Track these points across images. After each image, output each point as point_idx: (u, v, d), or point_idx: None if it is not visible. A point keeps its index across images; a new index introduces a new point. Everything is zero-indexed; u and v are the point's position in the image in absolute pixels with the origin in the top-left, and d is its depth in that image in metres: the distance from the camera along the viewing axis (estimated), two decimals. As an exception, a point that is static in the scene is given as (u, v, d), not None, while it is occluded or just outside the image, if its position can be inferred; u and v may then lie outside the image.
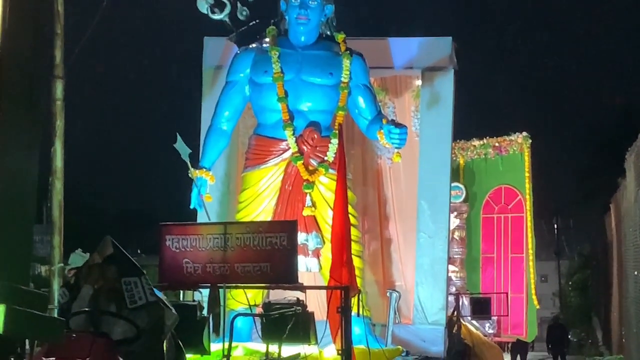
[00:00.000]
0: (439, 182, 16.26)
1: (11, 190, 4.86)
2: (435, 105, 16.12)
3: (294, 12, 14.35)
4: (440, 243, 16.13)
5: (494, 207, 27.45)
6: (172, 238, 10.52)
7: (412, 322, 15.56)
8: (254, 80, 14.41)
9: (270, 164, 14.24)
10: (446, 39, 16.36)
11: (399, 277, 15.81)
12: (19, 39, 4.94)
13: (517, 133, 27.48)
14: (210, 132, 14.65)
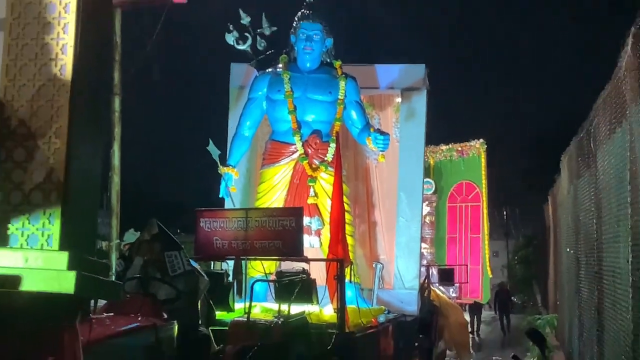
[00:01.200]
0: (414, 178, 16.32)
1: (81, 183, 4.87)
2: (411, 118, 16.19)
3: (301, 44, 14.48)
4: (414, 225, 16.19)
5: (457, 197, 27.48)
6: (205, 220, 10.61)
7: (392, 287, 15.59)
8: (269, 97, 14.50)
9: (282, 163, 14.31)
10: (420, 65, 16.43)
11: (382, 252, 15.86)
12: (87, 64, 4.95)
13: (476, 140, 27.55)
14: (235, 138, 14.74)
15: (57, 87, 4.81)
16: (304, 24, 14.57)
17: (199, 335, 8.25)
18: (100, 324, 7.12)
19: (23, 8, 4.92)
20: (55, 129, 4.78)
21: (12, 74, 4.88)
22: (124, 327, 7.07)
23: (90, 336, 6.47)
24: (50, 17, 4.87)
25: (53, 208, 4.71)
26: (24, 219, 4.73)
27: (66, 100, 4.78)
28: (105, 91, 5.10)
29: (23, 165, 4.78)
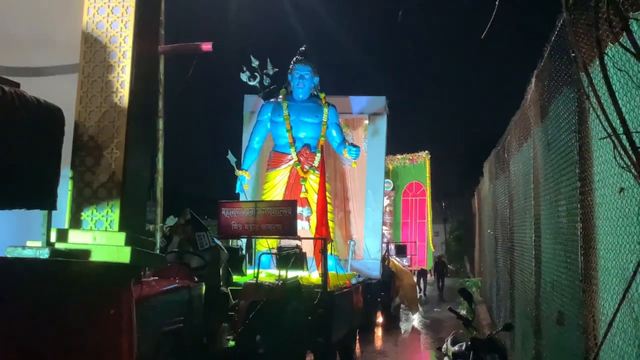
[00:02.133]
0: (377, 179, 16.47)
1: (134, 182, 4.88)
2: (376, 135, 16.32)
3: (296, 81, 14.58)
4: (378, 213, 16.36)
5: (409, 193, 27.64)
6: (225, 209, 10.64)
7: (362, 258, 15.64)
8: (272, 120, 14.58)
9: (282, 168, 14.41)
10: (382, 97, 16.61)
11: (354, 232, 15.92)
12: (139, 96, 4.96)
13: (422, 151, 27.70)
14: (247, 149, 14.87)
15: (117, 112, 4.82)
16: (297, 67, 14.66)
17: (221, 293, 8.28)
18: (148, 285, 7.13)
19: (92, 55, 4.93)
20: (116, 142, 4.79)
21: (84, 102, 4.90)
22: (165, 287, 7.08)
23: (141, 294, 6.52)
24: (112, 62, 4.88)
25: (114, 201, 4.73)
26: (92, 208, 4.75)
27: (124, 122, 4.80)
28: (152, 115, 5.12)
29: (92, 169, 4.79)
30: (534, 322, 6.67)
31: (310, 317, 9.77)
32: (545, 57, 5.26)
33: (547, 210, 5.79)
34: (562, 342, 4.88)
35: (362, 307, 14.57)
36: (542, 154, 5.89)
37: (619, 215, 3.20)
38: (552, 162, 5.23)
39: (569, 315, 4.58)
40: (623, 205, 3.09)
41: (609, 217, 3.41)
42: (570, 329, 4.50)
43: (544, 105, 5.61)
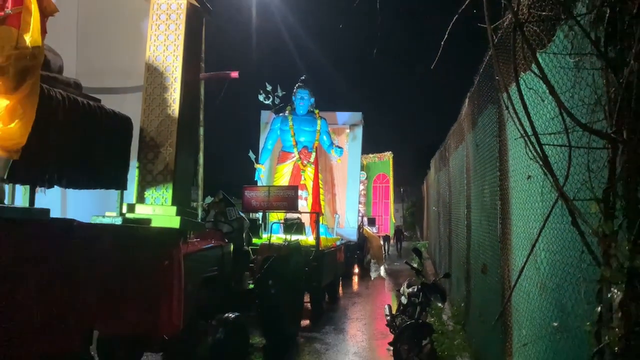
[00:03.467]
0: (355, 171, 16.47)
1: (182, 171, 4.84)
2: (354, 140, 16.32)
3: (298, 101, 14.62)
4: (355, 195, 16.44)
5: (377, 181, 27.65)
6: (247, 191, 10.58)
7: (344, 227, 15.67)
8: (281, 128, 14.59)
9: (287, 162, 14.43)
10: (359, 113, 16.66)
11: (339, 209, 15.94)
12: (186, 109, 4.91)
13: (388, 151, 27.69)
14: (263, 149, 14.85)
15: (170, 120, 4.78)
16: (299, 90, 14.65)
17: (244, 251, 8.23)
18: (193, 244, 7.11)
19: (152, 79, 4.88)
20: (169, 142, 4.75)
21: (147, 113, 4.85)
22: (205, 246, 7.04)
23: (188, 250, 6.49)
24: (167, 84, 4.84)
25: (168, 184, 4.69)
26: (152, 189, 4.71)
27: (175, 128, 4.76)
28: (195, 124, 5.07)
29: (152, 161, 4.75)
30: (465, 272, 6.70)
31: (307, 268, 9.82)
32: (475, 84, 5.26)
33: (475, 193, 5.81)
34: (485, 285, 4.90)
35: (344, 261, 14.63)
36: (472, 153, 5.90)
37: (527, 195, 3.21)
38: (480, 159, 5.23)
39: (491, 266, 4.60)
40: (530, 188, 3.09)
41: (519, 196, 3.41)
42: (491, 276, 4.52)
43: (474, 118, 5.62)
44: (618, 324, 1.56)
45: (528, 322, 3.06)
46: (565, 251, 2.32)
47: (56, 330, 3.35)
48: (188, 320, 6.25)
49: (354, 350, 7.92)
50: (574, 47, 2.08)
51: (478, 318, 5.23)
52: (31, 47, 3.07)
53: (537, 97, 2.31)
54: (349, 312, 11.25)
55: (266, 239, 9.45)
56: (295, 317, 8.70)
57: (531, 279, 2.96)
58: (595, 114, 1.97)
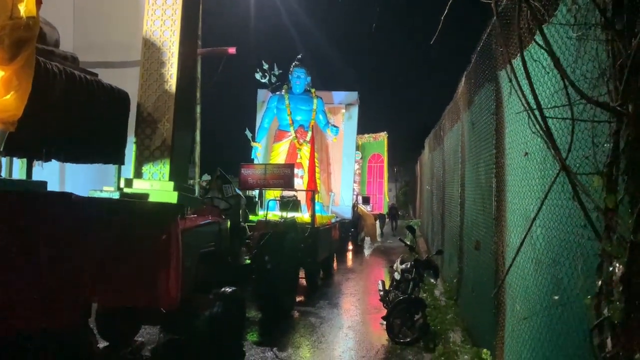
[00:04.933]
0: (351, 150, 16.34)
1: (180, 146, 4.76)
2: (350, 120, 16.15)
3: (294, 79, 14.36)
4: (350, 174, 16.32)
5: (372, 161, 27.51)
6: (244, 169, 10.51)
7: (339, 205, 15.62)
8: (278, 107, 14.36)
9: (284, 141, 14.25)
10: (355, 92, 16.45)
11: (334, 187, 15.85)
12: (183, 85, 4.82)
13: (382, 132, 27.50)
14: (260, 128, 14.64)
15: (168, 96, 4.69)
16: (295, 69, 14.41)
17: (240, 227, 8.17)
18: (191, 220, 7.07)
19: (150, 54, 4.77)
20: (167, 117, 4.66)
21: (144, 88, 4.75)
22: (202, 222, 7.00)
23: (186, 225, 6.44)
24: (164, 59, 4.73)
25: (165, 159, 4.62)
26: (150, 164, 4.63)
27: (172, 103, 4.67)
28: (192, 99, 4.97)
29: (150, 136, 4.67)
30: (458, 249, 6.70)
31: (303, 245, 9.82)
32: (472, 62, 5.17)
33: (469, 171, 5.76)
34: (478, 261, 4.89)
35: (338, 238, 14.65)
36: (468, 132, 5.84)
37: (523, 172, 3.16)
38: (476, 137, 5.18)
39: (484, 243, 4.58)
40: (527, 165, 3.04)
41: (516, 174, 3.37)
42: (484, 252, 4.51)
43: (470, 96, 5.55)
44: (619, 297, 1.54)
45: (522, 298, 3.05)
46: (563, 227, 2.29)
47: (54, 303, 3.31)
48: (186, 294, 6.27)
49: (347, 324, 7.95)
50: (577, 20, 2.02)
51: (470, 293, 5.23)
52: (26, 18, 2.97)
53: (540, 71, 2.24)
54: (343, 287, 11.29)
55: (262, 216, 9.41)
56: (291, 292, 8.72)
57: (526, 255, 2.94)
58: (597, 89, 1.91)
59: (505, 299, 3.62)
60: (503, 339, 3.59)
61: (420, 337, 6.62)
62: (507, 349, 3.50)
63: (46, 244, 3.17)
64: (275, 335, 7.24)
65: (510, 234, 3.44)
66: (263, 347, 6.58)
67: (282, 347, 6.60)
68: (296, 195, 11.61)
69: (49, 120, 3.65)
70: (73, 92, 3.84)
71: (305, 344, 6.84)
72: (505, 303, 3.60)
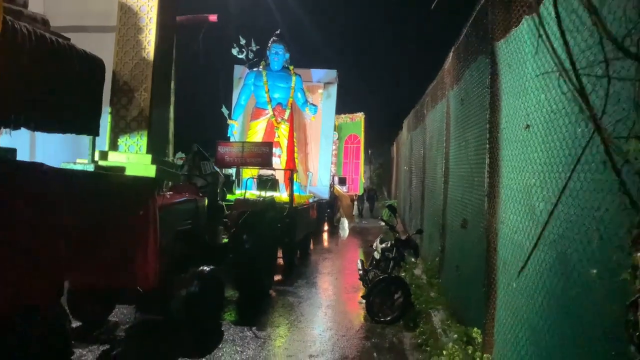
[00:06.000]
0: (329, 130, 16.11)
1: (158, 117, 4.52)
2: (329, 98, 15.89)
3: (272, 56, 14.03)
4: (328, 154, 16.10)
5: (349, 142, 27.29)
6: (221, 147, 10.25)
7: (316, 185, 15.47)
8: (255, 84, 14.03)
9: (261, 119, 13.99)
10: (334, 70, 16.09)
11: (311, 167, 15.68)
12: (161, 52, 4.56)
13: (360, 112, 27.27)
14: (236, 105, 14.31)
15: (145, 64, 4.43)
16: (273, 45, 14.06)
17: (218, 205, 7.96)
18: (166, 197, 6.84)
19: (126, 19, 4.49)
20: (144, 87, 4.41)
21: (120, 56, 4.48)
22: (179, 199, 6.78)
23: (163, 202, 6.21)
24: (141, 25, 4.46)
25: (143, 130, 4.38)
26: (126, 136, 4.39)
27: (150, 71, 4.42)
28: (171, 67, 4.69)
29: (126, 106, 4.42)
30: (440, 228, 6.63)
31: (280, 224, 9.69)
32: (462, 36, 5.03)
33: (456, 148, 5.66)
34: (465, 239, 4.81)
35: (315, 218, 14.57)
36: (455, 109, 5.73)
37: (522, 145, 3.05)
38: (464, 114, 5.06)
39: (472, 221, 4.50)
40: (527, 138, 2.93)
41: (513, 148, 3.25)
42: (473, 230, 4.42)
43: (459, 72, 5.41)
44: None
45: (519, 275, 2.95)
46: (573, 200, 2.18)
47: (22, 281, 3.09)
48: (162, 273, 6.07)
49: (326, 303, 7.87)
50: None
51: (455, 272, 5.17)
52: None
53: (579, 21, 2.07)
54: (320, 267, 11.21)
55: (240, 195, 9.21)
56: (269, 271, 8.58)
57: (525, 232, 2.84)
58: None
59: (496, 278, 3.54)
60: (494, 317, 3.52)
61: (401, 316, 6.59)
62: (498, 326, 3.43)
63: (12, 216, 2.93)
64: (253, 314, 7.11)
65: (506, 209, 3.35)
66: (242, 327, 6.44)
67: (261, 327, 6.48)
68: (274, 174, 11.43)
69: (17, 84, 3.37)
70: (43, 55, 3.56)
71: (284, 323, 6.74)
72: (497, 282, 3.52)
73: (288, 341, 5.99)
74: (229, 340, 5.95)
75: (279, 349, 5.72)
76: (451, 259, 5.73)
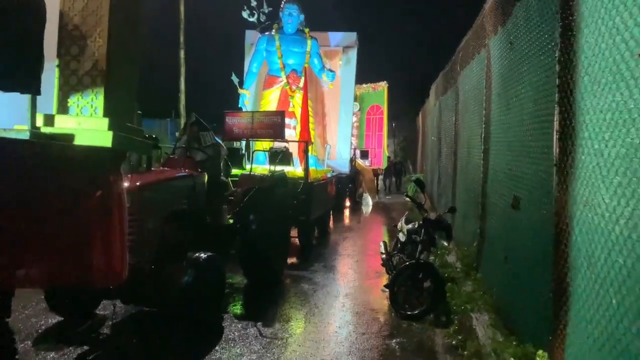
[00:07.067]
0: (348, 99, 14.92)
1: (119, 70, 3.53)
2: (348, 64, 14.64)
3: (286, 17, 12.85)
4: (348, 125, 14.94)
5: (371, 113, 26.09)
6: (229, 117, 9.37)
7: (335, 158, 14.40)
8: (267, 49, 12.92)
9: (274, 88, 12.94)
10: (353, 33, 14.79)
11: (330, 140, 14.56)
12: None
13: (383, 81, 25.98)
14: (248, 72, 13.26)
15: (100, 1, 3.45)
16: (287, 6, 12.89)
17: (220, 181, 7.08)
18: (157, 172, 5.98)
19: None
20: (99, 31, 3.44)
21: (69, -8, 3.50)
22: (170, 175, 5.91)
23: (148, 179, 5.35)
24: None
25: (98, 88, 3.42)
26: (78, 95, 3.44)
27: (106, 11, 3.43)
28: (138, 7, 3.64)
29: (77, 57, 3.46)
30: (479, 207, 5.56)
31: (295, 201, 8.85)
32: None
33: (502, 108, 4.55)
34: (517, 223, 3.76)
35: (335, 194, 13.68)
36: (499, 58, 4.60)
37: (627, 87, 1.99)
38: (515, 60, 3.96)
39: (528, 199, 3.46)
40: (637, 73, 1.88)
41: (607, 94, 2.20)
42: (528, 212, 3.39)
43: (506, 9, 4.29)
44: None
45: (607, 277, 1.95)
46: None
47: None
48: (151, 261, 5.23)
49: (345, 292, 6.96)
50: None
51: (502, 265, 4.12)
52: None
53: None
54: (340, 248, 10.30)
55: (246, 170, 8.30)
56: (280, 254, 7.69)
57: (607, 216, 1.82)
58: None
59: (569, 279, 2.53)
60: (565, 335, 2.52)
61: (430, 309, 5.65)
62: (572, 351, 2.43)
63: None
64: (260, 306, 6.25)
65: (591, 186, 2.32)
66: (245, 322, 5.59)
67: (268, 322, 5.61)
68: (287, 146, 10.47)
69: None
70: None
71: (295, 318, 5.85)
72: (571, 284, 2.51)
73: (297, 341, 5.10)
74: (228, 340, 5.09)
75: (286, 351, 4.84)
76: (496, 246, 4.68)
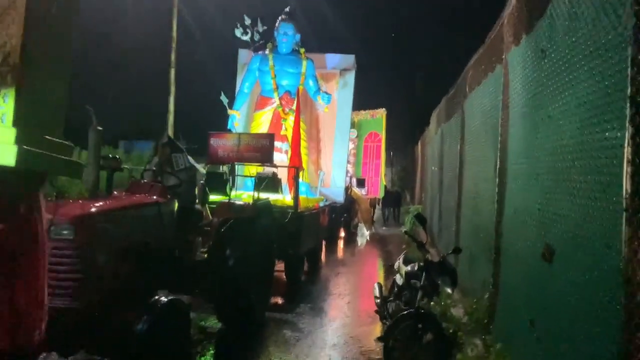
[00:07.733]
0: (345, 124, 14.04)
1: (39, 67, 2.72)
2: (345, 87, 13.83)
3: (280, 37, 12.11)
4: (344, 152, 13.97)
5: (369, 140, 25.34)
6: (214, 139, 8.64)
7: (329, 186, 13.52)
8: (260, 69, 12.17)
9: (266, 109, 12.11)
10: (351, 55, 13.96)
11: (324, 166, 13.65)
12: None
13: (381, 108, 25.34)
14: (239, 92, 12.48)
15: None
16: (282, 25, 12.21)
17: (194, 210, 6.26)
18: (115, 198, 5.16)
19: None
20: (12, 17, 2.65)
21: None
22: (132, 202, 5.08)
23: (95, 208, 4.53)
24: None
25: (8, 89, 2.60)
26: (-19, 98, 2.63)
27: (23, -10, 2.65)
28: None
29: (-19, 47, 2.65)
30: (491, 251, 4.70)
31: (282, 233, 8.00)
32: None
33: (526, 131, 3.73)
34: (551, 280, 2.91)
35: (328, 224, 12.83)
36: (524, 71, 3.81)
37: None
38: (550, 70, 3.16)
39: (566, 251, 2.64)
40: None
41: None
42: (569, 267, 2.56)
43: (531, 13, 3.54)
44: None
45: None
46: None
47: None
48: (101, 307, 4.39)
49: (333, 341, 6.08)
50: None
51: (527, 331, 3.25)
52: None
53: None
54: (331, 285, 9.43)
55: (233, 196, 7.47)
56: (262, 294, 6.82)
57: None
58: None
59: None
60: None
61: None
62: None
63: None
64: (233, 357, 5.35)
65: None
66: (210, 380, 4.68)
67: (238, 380, 4.72)
68: (276, 172, 9.66)
69: None
70: None
71: (271, 375, 4.95)
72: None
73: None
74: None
75: None
76: (515, 301, 3.80)
